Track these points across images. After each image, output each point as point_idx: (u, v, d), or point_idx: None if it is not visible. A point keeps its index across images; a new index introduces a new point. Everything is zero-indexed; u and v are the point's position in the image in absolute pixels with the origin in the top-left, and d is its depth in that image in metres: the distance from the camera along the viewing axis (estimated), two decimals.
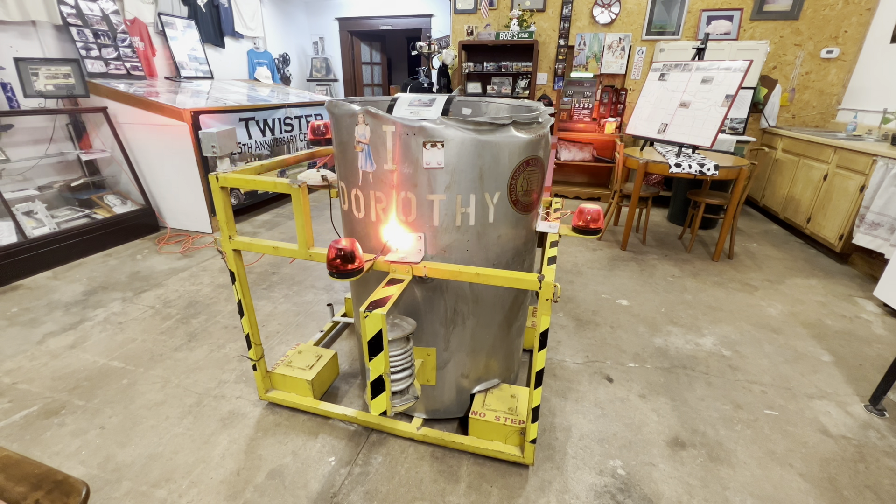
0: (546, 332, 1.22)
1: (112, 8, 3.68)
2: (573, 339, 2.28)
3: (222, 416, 1.71)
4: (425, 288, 1.44)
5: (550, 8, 4.76)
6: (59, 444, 1.58)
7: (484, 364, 1.63)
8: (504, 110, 1.82)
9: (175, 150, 3.40)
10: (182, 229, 3.71)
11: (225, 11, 4.97)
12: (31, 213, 2.96)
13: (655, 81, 3.55)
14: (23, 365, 1.98)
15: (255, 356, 1.68)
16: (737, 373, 2.03)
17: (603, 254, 3.38)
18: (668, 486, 1.45)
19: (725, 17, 4.34)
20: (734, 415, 1.78)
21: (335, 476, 1.47)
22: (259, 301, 2.59)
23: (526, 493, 1.42)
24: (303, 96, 4.91)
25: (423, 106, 1.33)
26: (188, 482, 1.44)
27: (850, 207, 3.08)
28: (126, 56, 3.79)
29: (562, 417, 1.74)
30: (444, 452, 1.57)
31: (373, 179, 1.31)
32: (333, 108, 1.35)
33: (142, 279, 2.81)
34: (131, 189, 3.60)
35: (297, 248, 1.44)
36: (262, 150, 3.98)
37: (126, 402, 1.78)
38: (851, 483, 1.48)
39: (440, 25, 6.16)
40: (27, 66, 2.92)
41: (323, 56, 6.83)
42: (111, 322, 2.33)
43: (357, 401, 1.82)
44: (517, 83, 5.00)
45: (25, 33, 3.20)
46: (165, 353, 2.08)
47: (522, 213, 1.41)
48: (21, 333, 2.21)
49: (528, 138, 1.30)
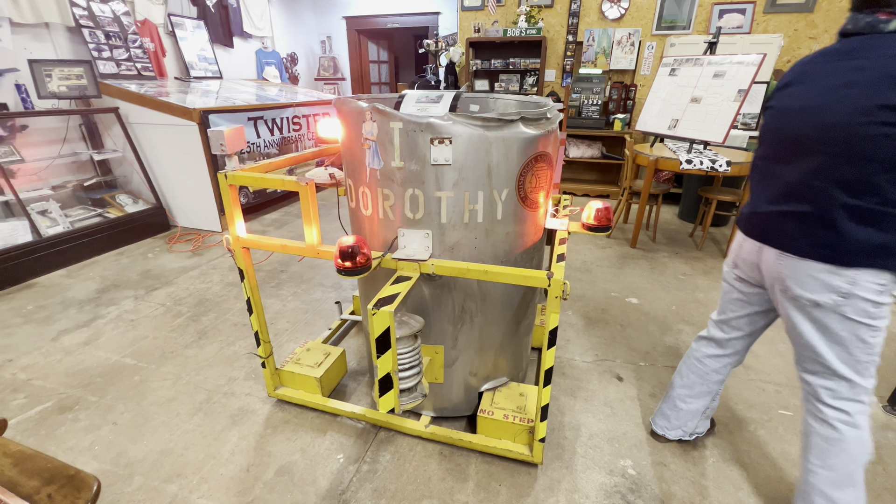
0: (555, 329, 1.21)
1: (123, 9, 3.72)
2: (582, 337, 2.25)
3: (232, 413, 1.73)
4: (433, 285, 1.43)
5: (559, 4, 4.72)
6: (73, 439, 1.60)
7: (492, 362, 1.62)
8: (512, 106, 1.80)
9: (185, 149, 3.44)
10: (192, 228, 3.75)
11: (233, 11, 5.00)
12: (46, 213, 3.01)
13: (666, 77, 3.49)
14: (38, 361, 2.01)
15: (264, 354, 1.69)
16: (749, 372, 1.99)
17: (612, 251, 3.34)
18: (679, 487, 1.43)
19: (738, 10, 4.26)
20: (747, 414, 1.75)
21: (344, 473, 1.48)
22: (268, 299, 2.60)
23: (535, 493, 1.41)
24: (311, 95, 4.93)
25: (431, 102, 1.32)
26: (199, 478, 1.45)
27: None
28: (137, 57, 3.83)
29: (571, 416, 1.73)
30: (452, 451, 1.57)
31: (380, 176, 1.31)
32: (341, 105, 1.34)
33: (153, 277, 2.85)
34: (142, 188, 3.64)
35: (306, 246, 1.44)
36: (270, 149, 4.01)
37: (138, 398, 1.80)
38: (869, 485, 1.45)
39: (447, 23, 6.13)
40: (41, 68, 2.96)
41: (330, 55, 6.85)
42: (123, 319, 2.36)
43: (365, 398, 1.82)
44: (525, 80, 4.97)
45: (39, 35, 3.25)
46: (176, 351, 2.11)
47: (531, 209, 1.40)
48: (36, 330, 2.25)
49: (536, 134, 1.28)
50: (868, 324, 1.03)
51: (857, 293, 1.00)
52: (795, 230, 1.05)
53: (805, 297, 1.07)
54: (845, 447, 1.11)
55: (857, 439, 1.10)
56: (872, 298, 1.00)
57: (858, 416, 1.10)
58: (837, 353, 1.08)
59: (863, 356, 1.06)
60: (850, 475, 1.12)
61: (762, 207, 1.14)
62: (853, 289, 1.00)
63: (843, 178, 0.95)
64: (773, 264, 1.12)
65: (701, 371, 1.45)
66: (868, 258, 0.96)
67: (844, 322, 1.04)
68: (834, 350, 1.08)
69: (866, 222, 0.94)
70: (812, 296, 1.05)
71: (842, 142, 0.94)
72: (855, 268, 0.98)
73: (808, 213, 1.02)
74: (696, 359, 1.46)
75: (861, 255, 0.97)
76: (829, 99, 0.97)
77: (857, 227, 0.95)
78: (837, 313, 1.04)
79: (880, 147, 0.89)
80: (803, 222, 1.03)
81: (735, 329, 1.36)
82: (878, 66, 0.90)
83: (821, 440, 1.14)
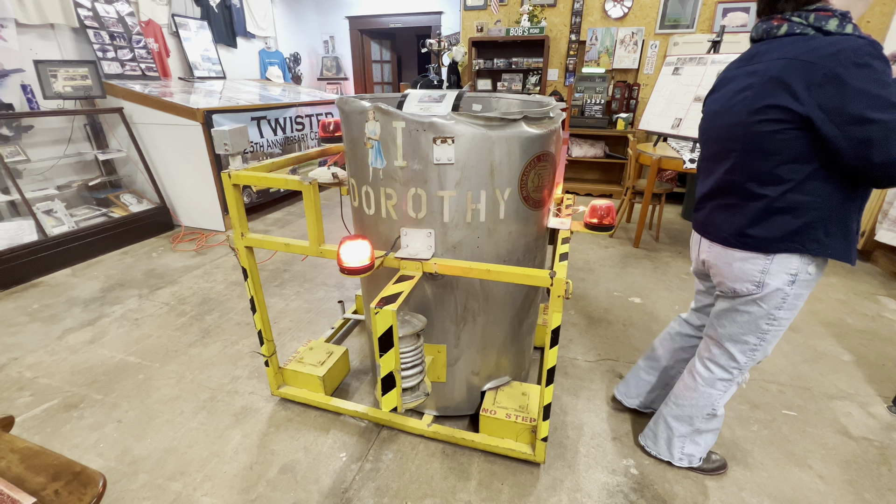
0: (558, 329, 1.21)
1: (127, 10, 3.74)
2: (585, 336, 2.25)
3: (235, 412, 1.73)
4: (435, 285, 1.44)
5: (561, 3, 4.71)
6: (78, 436, 1.61)
7: (495, 361, 1.62)
8: (515, 106, 1.80)
9: (189, 149, 3.45)
10: (196, 227, 3.77)
11: (237, 12, 5.02)
12: (51, 212, 3.03)
13: (669, 76, 3.48)
14: (43, 360, 2.03)
15: (268, 352, 1.70)
16: (753, 372, 1.99)
17: (615, 251, 3.34)
18: (682, 487, 1.43)
19: (742, 9, 4.24)
20: (751, 415, 1.74)
21: (346, 472, 1.48)
22: (271, 298, 2.61)
23: (537, 492, 1.41)
24: (313, 95, 4.94)
25: (434, 102, 1.33)
26: (202, 476, 1.46)
27: (872, 204, 2.99)
28: (141, 57, 3.85)
29: (573, 415, 1.73)
30: (454, 449, 1.57)
31: (383, 176, 1.31)
32: (344, 104, 1.35)
33: (157, 276, 2.86)
34: (147, 188, 3.66)
35: (309, 245, 1.44)
36: (273, 149, 4.02)
37: (142, 396, 1.81)
38: (874, 486, 1.44)
39: (450, 22, 6.13)
40: (46, 68, 2.98)
41: (333, 55, 6.86)
42: (128, 318, 2.38)
43: (368, 397, 1.83)
44: (528, 79, 4.96)
45: (44, 36, 3.27)
46: (180, 349, 2.12)
47: (534, 209, 1.40)
48: (42, 329, 2.27)
49: (539, 133, 1.28)
50: (772, 313, 1.14)
51: (768, 281, 1.10)
52: (722, 221, 1.15)
53: (726, 284, 1.19)
54: (694, 397, 1.35)
55: (706, 395, 1.32)
56: (781, 287, 1.09)
57: (719, 382, 1.30)
58: (732, 330, 1.22)
59: (752, 339, 1.20)
60: (689, 416, 1.38)
61: (700, 203, 1.26)
62: (766, 277, 1.10)
63: (753, 172, 1.05)
64: (707, 254, 1.24)
65: (670, 346, 1.55)
66: (780, 243, 1.05)
67: (751, 306, 1.16)
68: (730, 328, 1.23)
69: (778, 211, 1.04)
70: (732, 284, 1.17)
71: (744, 140, 1.05)
72: (768, 254, 1.08)
73: (730, 205, 1.13)
74: (669, 334, 1.57)
75: (774, 241, 1.06)
76: (733, 102, 1.07)
77: (771, 215, 1.05)
78: (750, 300, 1.15)
79: (775, 142, 0.99)
80: (728, 214, 1.13)
81: (706, 315, 1.44)
82: (767, 68, 0.99)
83: (682, 385, 1.39)
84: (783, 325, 1.16)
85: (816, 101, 0.91)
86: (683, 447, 1.43)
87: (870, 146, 0.88)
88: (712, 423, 1.38)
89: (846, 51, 0.87)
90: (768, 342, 1.19)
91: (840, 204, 1.00)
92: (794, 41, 0.96)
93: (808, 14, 0.95)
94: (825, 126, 0.91)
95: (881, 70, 0.86)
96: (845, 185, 0.98)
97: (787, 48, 0.97)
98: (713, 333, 1.29)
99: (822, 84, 0.89)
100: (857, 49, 0.87)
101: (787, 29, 0.99)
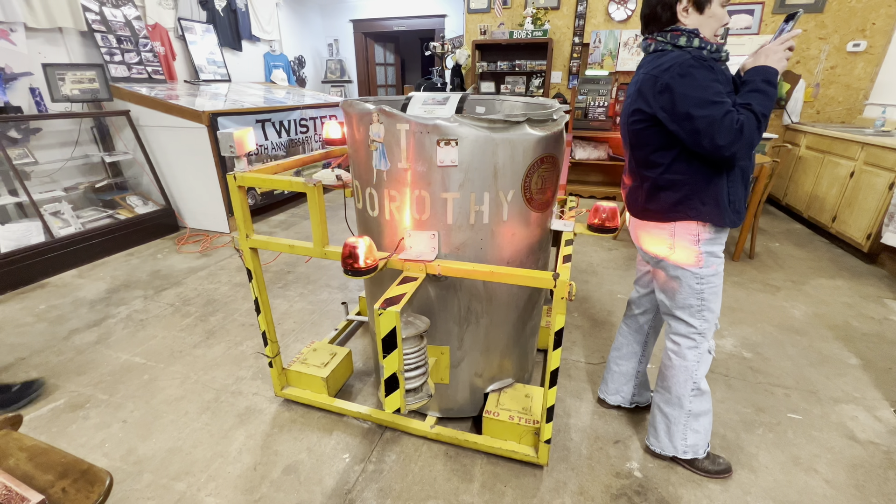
0: (561, 331, 1.21)
1: (134, 14, 3.78)
2: (588, 339, 2.25)
3: (239, 412, 1.74)
4: (439, 286, 1.44)
5: (565, 6, 4.72)
6: (83, 436, 1.62)
7: (498, 363, 1.62)
8: (518, 108, 1.81)
9: (194, 151, 3.48)
10: (201, 229, 3.79)
11: (242, 15, 5.06)
12: (58, 214, 3.06)
13: None
14: (50, 360, 2.05)
15: (271, 353, 1.71)
16: (758, 375, 1.98)
17: (619, 253, 3.33)
18: (686, 490, 1.42)
19: (746, 11, 4.24)
20: (756, 418, 1.73)
21: (349, 473, 1.48)
22: (275, 299, 2.62)
23: (540, 494, 1.41)
24: (318, 98, 4.96)
25: (437, 104, 1.33)
26: (206, 476, 1.47)
27: (879, 205, 2.97)
28: (147, 60, 3.89)
29: (577, 418, 1.72)
30: (457, 451, 1.57)
31: (387, 178, 1.32)
32: (348, 107, 1.36)
33: (162, 278, 2.88)
34: (152, 190, 3.69)
35: (313, 247, 1.45)
36: (278, 151, 4.04)
37: (147, 396, 1.82)
38: (880, 490, 1.43)
39: (453, 25, 6.16)
40: (54, 72, 3.02)
41: (337, 58, 6.90)
42: (133, 319, 2.39)
43: (371, 398, 1.83)
44: (531, 82, 4.97)
45: (52, 40, 3.31)
46: (185, 350, 2.13)
47: (537, 211, 1.40)
48: (48, 329, 2.29)
49: (542, 135, 1.28)
50: (692, 271, 1.30)
51: (678, 243, 1.29)
52: (635, 199, 1.37)
53: (650, 251, 1.38)
54: (674, 373, 1.41)
55: (683, 368, 1.39)
56: (689, 246, 1.28)
57: (687, 351, 1.38)
58: (676, 300, 1.36)
59: (694, 301, 1.33)
60: (678, 397, 1.42)
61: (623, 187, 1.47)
62: (675, 240, 1.29)
63: (639, 160, 1.31)
64: (633, 229, 1.45)
65: (625, 332, 1.68)
66: (670, 213, 1.27)
67: (676, 269, 1.32)
68: (668, 294, 1.38)
69: (661, 188, 1.27)
70: (653, 249, 1.36)
71: (629, 136, 1.31)
72: (665, 222, 1.29)
73: (635, 187, 1.37)
74: (623, 324, 1.70)
75: (664, 212, 1.28)
76: (624, 107, 1.35)
77: (658, 192, 1.28)
78: (670, 262, 1.32)
79: (644, 136, 1.25)
80: (636, 193, 1.36)
81: (643, 287, 1.59)
82: (636, 80, 1.26)
83: (663, 368, 1.47)
84: (712, 282, 1.30)
85: (659, 104, 1.17)
86: (686, 437, 1.45)
87: (699, 135, 1.11)
88: (702, 403, 1.42)
89: (675, 66, 1.12)
90: (709, 300, 1.32)
91: (707, 179, 1.21)
92: (655, 57, 1.22)
93: (667, 34, 1.21)
94: (668, 123, 1.17)
95: (701, 77, 1.10)
96: (706, 164, 1.20)
97: (649, 64, 1.22)
98: (665, 310, 1.42)
99: (661, 92, 1.15)
100: (682, 63, 1.11)
101: (654, 46, 1.25)
